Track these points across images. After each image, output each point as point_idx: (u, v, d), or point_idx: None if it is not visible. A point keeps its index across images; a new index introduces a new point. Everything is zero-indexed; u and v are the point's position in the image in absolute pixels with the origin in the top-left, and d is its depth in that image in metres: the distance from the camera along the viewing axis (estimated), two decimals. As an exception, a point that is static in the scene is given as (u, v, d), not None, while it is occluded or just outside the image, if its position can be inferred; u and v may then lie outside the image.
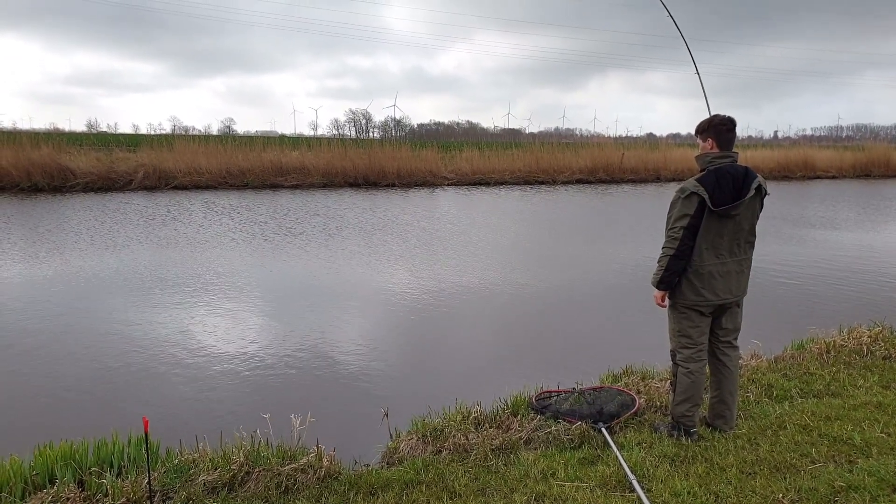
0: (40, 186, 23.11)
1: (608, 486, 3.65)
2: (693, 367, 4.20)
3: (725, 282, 4.12)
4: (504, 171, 31.02)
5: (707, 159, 4.08)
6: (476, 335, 7.94)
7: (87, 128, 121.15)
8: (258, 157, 27.43)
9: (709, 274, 4.06)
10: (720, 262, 4.07)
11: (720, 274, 4.08)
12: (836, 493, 3.53)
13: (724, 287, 4.12)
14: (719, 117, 4.14)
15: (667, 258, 4.10)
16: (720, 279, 4.09)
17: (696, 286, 4.09)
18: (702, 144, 4.17)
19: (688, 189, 4.01)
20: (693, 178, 4.07)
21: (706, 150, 4.13)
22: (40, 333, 7.56)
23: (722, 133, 4.09)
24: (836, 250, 13.97)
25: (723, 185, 3.95)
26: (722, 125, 4.10)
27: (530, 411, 4.73)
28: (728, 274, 4.12)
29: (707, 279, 4.07)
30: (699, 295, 4.10)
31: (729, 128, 4.11)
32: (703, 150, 4.16)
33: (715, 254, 4.06)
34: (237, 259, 12.11)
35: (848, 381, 5.34)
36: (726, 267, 4.10)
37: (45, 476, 3.70)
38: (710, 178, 3.97)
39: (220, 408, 5.63)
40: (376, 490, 3.68)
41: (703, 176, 4.01)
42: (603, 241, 15.40)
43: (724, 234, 4.05)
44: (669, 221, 4.12)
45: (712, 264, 4.06)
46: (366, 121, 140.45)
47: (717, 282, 4.09)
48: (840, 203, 24.55)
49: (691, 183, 4.01)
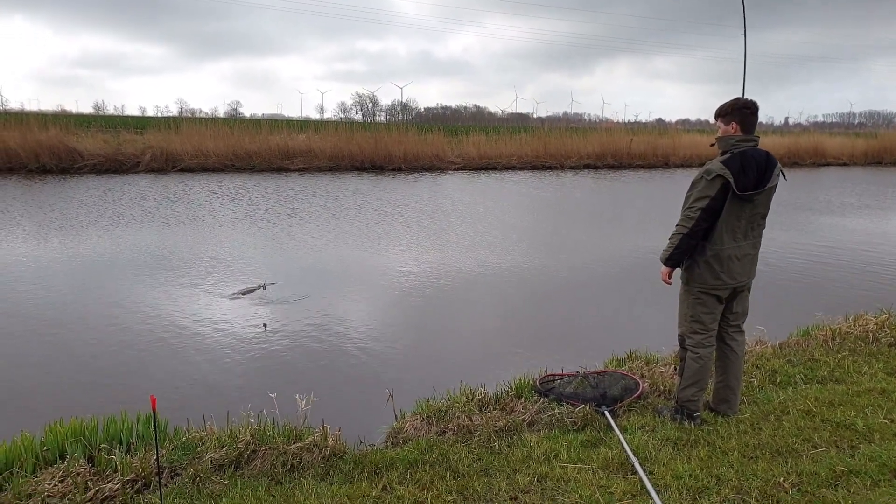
0: (48, 168, 23.20)
1: (610, 468, 3.68)
2: (703, 352, 4.22)
3: (742, 264, 4.14)
4: (511, 156, 30.93)
5: (731, 142, 4.04)
6: (481, 319, 7.97)
7: (95, 110, 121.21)
8: (265, 141, 27.42)
9: (728, 257, 4.07)
10: (737, 245, 4.08)
11: (737, 257, 4.10)
12: (837, 478, 3.55)
13: (740, 270, 4.14)
14: (743, 100, 4.11)
15: (679, 236, 4.10)
16: (737, 262, 4.11)
17: (716, 270, 4.09)
18: (723, 127, 4.12)
19: (714, 171, 3.97)
20: (718, 159, 4.03)
21: (728, 133, 4.09)
22: (48, 313, 7.63)
23: (746, 116, 4.06)
24: (843, 237, 13.92)
25: (747, 169, 3.94)
26: (746, 108, 4.07)
27: (534, 394, 4.77)
28: (745, 257, 4.14)
29: (726, 262, 4.08)
30: (718, 279, 4.11)
31: (753, 111, 4.08)
32: (724, 133, 4.12)
33: (733, 237, 4.06)
34: (244, 241, 12.16)
35: (853, 368, 5.35)
36: (743, 250, 4.11)
37: (56, 452, 3.76)
38: (736, 161, 3.95)
39: (226, 387, 5.69)
40: (381, 469, 3.72)
41: (728, 159, 3.98)
42: (609, 226, 15.38)
43: (742, 217, 4.05)
44: (688, 200, 4.10)
45: (731, 248, 4.07)
46: (372, 104, 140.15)
47: (734, 265, 4.10)
48: (849, 190, 24.41)
49: (717, 165, 3.97)
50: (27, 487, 3.38)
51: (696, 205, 4.02)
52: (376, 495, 3.41)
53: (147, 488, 3.48)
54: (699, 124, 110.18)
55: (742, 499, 3.34)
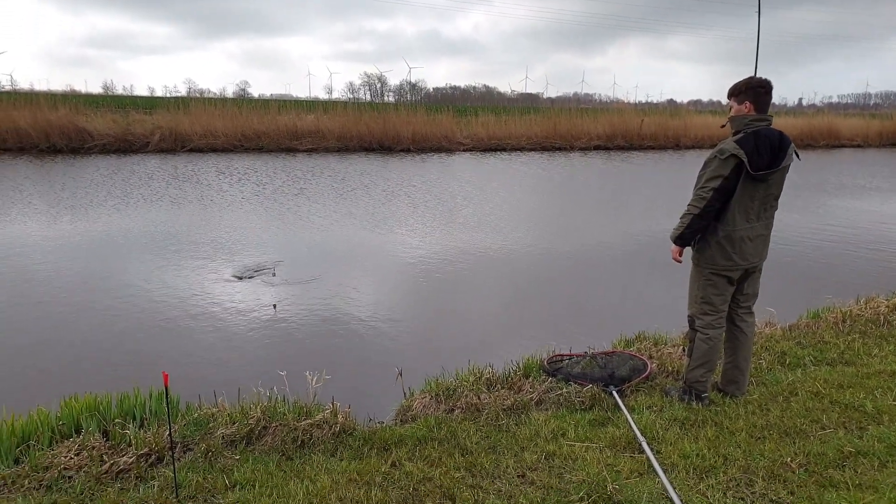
0: (58, 147, 23.29)
1: (618, 447, 3.70)
2: (712, 333, 4.22)
3: (754, 245, 4.12)
4: (521, 137, 30.77)
5: (744, 121, 4.01)
6: (489, 299, 7.99)
7: (104, 90, 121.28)
8: (273, 121, 27.40)
9: (740, 238, 4.05)
10: (750, 226, 4.06)
11: (750, 238, 4.08)
12: (844, 458, 3.56)
13: (752, 251, 4.12)
14: (757, 79, 4.06)
15: (690, 216, 4.08)
16: (749, 243, 4.09)
17: (728, 251, 4.07)
18: (736, 107, 4.08)
19: (727, 151, 3.93)
20: (731, 139, 3.99)
21: (741, 113, 4.05)
22: (61, 291, 7.70)
23: (760, 95, 4.02)
24: (855, 220, 13.83)
25: (761, 149, 3.91)
26: (760, 87, 4.02)
27: (542, 374, 4.79)
28: (757, 238, 4.11)
29: (738, 244, 4.06)
30: (730, 259, 4.09)
31: (767, 90, 4.03)
32: (737, 113, 4.07)
33: (745, 218, 4.04)
34: (253, 221, 12.20)
35: (863, 350, 5.34)
36: (755, 231, 4.09)
37: (72, 426, 3.82)
38: (749, 141, 3.92)
39: (237, 365, 5.74)
40: (390, 446, 3.76)
41: (741, 139, 3.94)
42: (619, 207, 15.33)
43: (755, 198, 4.02)
44: (700, 180, 4.07)
45: (743, 229, 4.04)
46: (381, 84, 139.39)
47: (746, 246, 4.08)
48: (861, 172, 24.20)
49: (731, 145, 3.94)
50: (44, 460, 3.44)
51: (709, 185, 3.99)
52: (385, 471, 3.45)
53: (160, 462, 3.53)
54: (711, 105, 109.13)
55: (749, 478, 3.36)
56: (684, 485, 3.30)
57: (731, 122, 4.12)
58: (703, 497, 3.19)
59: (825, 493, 3.23)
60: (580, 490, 3.15)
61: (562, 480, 3.33)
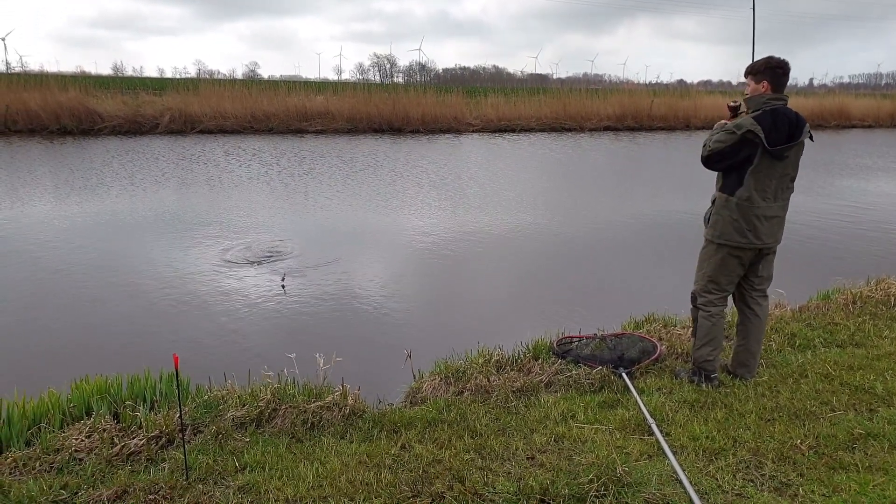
0: (69, 129, 23.32)
1: (627, 429, 3.70)
2: (714, 310, 4.21)
3: (770, 226, 4.08)
4: (530, 118, 30.57)
5: (762, 100, 3.99)
6: (499, 280, 7.98)
7: (113, 71, 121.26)
8: (283, 102, 27.32)
9: (756, 217, 4.02)
10: (767, 205, 4.03)
11: (766, 217, 4.04)
12: (854, 440, 3.55)
13: (768, 231, 4.09)
14: (776, 59, 4.04)
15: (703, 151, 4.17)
16: (766, 223, 4.05)
17: (743, 227, 4.04)
18: (753, 86, 4.06)
19: (745, 126, 3.92)
20: (749, 116, 3.97)
21: (759, 92, 4.03)
22: (72, 272, 7.74)
23: (778, 76, 4.01)
24: (866, 201, 13.71)
25: (779, 125, 3.90)
26: (779, 68, 4.01)
27: (551, 356, 4.79)
28: (773, 218, 4.08)
29: (754, 221, 4.03)
30: (744, 237, 4.05)
31: (784, 71, 4.03)
32: (753, 92, 4.06)
33: (762, 196, 4.01)
34: (263, 202, 12.21)
35: (873, 332, 5.31)
36: (772, 211, 4.06)
37: (82, 408, 3.86)
38: (767, 118, 3.91)
39: (247, 347, 5.77)
40: (399, 428, 3.77)
41: (759, 115, 3.93)
42: (629, 188, 15.24)
43: (773, 176, 4.00)
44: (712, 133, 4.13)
45: (760, 207, 4.01)
46: (390, 65, 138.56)
47: (762, 225, 4.05)
48: (872, 152, 23.94)
49: (748, 121, 3.92)
50: (55, 442, 3.48)
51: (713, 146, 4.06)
52: (395, 453, 3.46)
53: (171, 444, 3.56)
54: (721, 86, 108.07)
55: (758, 460, 3.35)
56: (694, 467, 3.29)
57: (747, 102, 4.10)
58: (712, 479, 3.19)
59: (835, 475, 3.22)
60: (589, 472, 3.15)
61: (571, 462, 3.33)
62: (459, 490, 3.09)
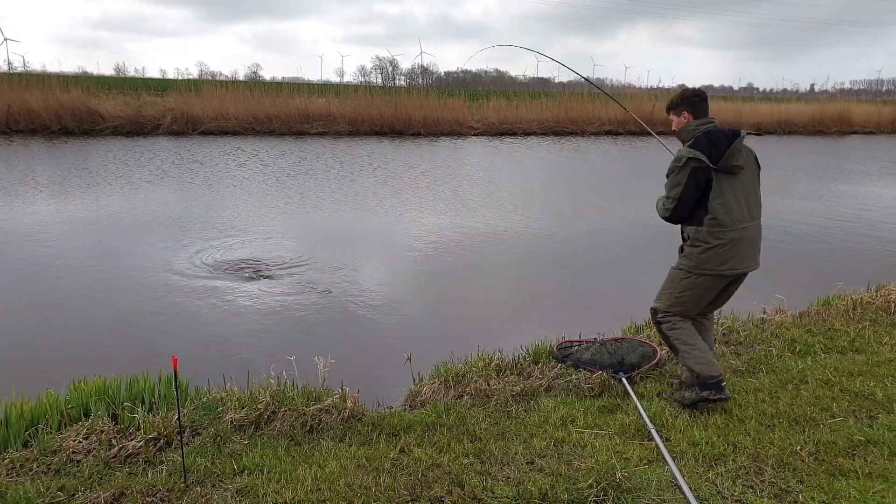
0: (70, 129, 23.30)
1: (627, 434, 3.69)
2: (676, 321, 4.07)
3: (748, 247, 3.95)
4: (532, 122, 30.56)
5: (691, 127, 3.99)
6: (499, 284, 7.98)
7: (115, 72, 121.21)
8: (285, 104, 27.32)
9: (731, 242, 3.87)
10: (742, 225, 3.89)
11: (742, 239, 3.91)
12: (854, 447, 3.54)
13: (746, 253, 3.94)
14: (690, 90, 4.08)
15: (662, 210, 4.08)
16: (743, 245, 3.92)
17: (723, 254, 3.89)
18: (676, 119, 4.09)
19: (683, 156, 3.88)
20: (685, 146, 3.95)
21: (682, 125, 4.05)
22: (70, 273, 7.74)
23: (696, 103, 4.03)
24: (866, 206, 13.69)
25: (716, 142, 3.83)
26: (695, 96, 4.04)
27: (551, 360, 4.78)
28: (751, 239, 3.96)
29: (731, 247, 3.88)
30: (724, 264, 3.91)
31: (701, 98, 4.04)
32: (678, 125, 4.07)
33: (733, 218, 3.86)
34: (264, 203, 12.21)
35: (873, 338, 5.30)
36: (748, 232, 3.93)
37: (80, 410, 3.85)
38: (703, 140, 3.87)
39: (246, 350, 5.76)
40: (399, 431, 3.77)
41: (693, 142, 3.90)
42: (630, 193, 15.24)
43: (737, 194, 3.88)
44: (666, 188, 4.01)
45: (734, 229, 3.87)
46: (392, 68, 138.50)
47: (741, 249, 3.91)
48: (872, 158, 23.94)
49: (685, 150, 3.89)
50: (53, 444, 3.47)
51: (672, 194, 3.94)
52: (394, 457, 3.46)
53: (169, 446, 3.55)
54: (722, 91, 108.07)
55: (758, 466, 3.34)
56: (693, 473, 3.29)
57: (678, 135, 4.09)
58: (712, 485, 3.18)
59: (835, 481, 3.21)
60: (589, 477, 3.15)
61: (570, 467, 3.32)
62: (458, 494, 3.08)
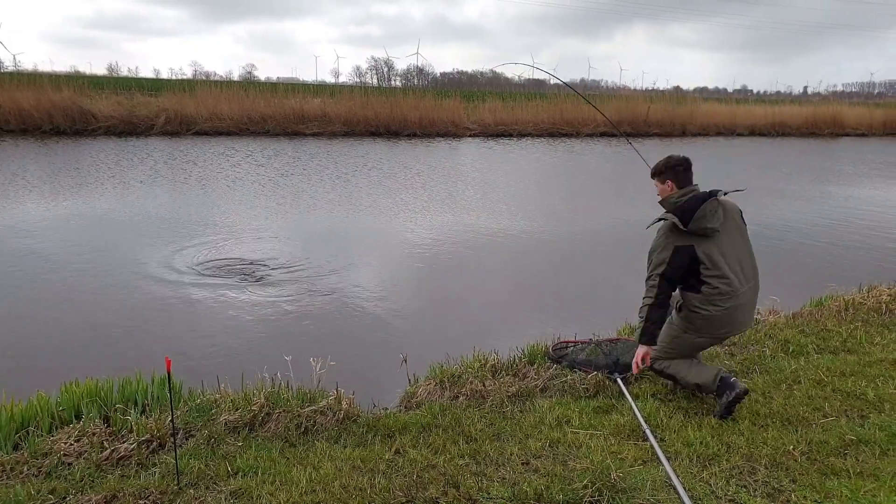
0: (62, 129, 23.20)
1: (622, 435, 3.70)
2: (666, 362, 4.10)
3: (745, 313, 3.98)
4: (527, 123, 30.59)
5: (673, 199, 4.00)
6: (494, 285, 7.98)
7: (108, 71, 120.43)
8: (280, 104, 27.26)
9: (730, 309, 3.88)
10: (740, 289, 3.89)
11: (741, 306, 3.93)
12: (846, 446, 3.56)
13: (743, 318, 3.98)
14: (675, 158, 4.06)
15: (646, 308, 3.94)
16: (741, 311, 3.94)
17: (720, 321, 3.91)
18: (660, 186, 4.09)
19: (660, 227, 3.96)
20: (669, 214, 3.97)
21: (666, 193, 4.06)
22: (62, 273, 7.71)
23: (679, 173, 4.03)
24: (858, 208, 13.76)
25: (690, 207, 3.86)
26: (679, 165, 4.03)
27: (547, 361, 4.79)
28: (748, 304, 3.98)
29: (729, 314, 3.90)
30: (721, 329, 3.96)
31: (685, 167, 4.04)
32: (662, 193, 4.09)
33: (729, 284, 3.86)
34: (258, 205, 12.18)
35: (865, 339, 5.32)
36: (746, 296, 3.94)
37: (72, 412, 3.81)
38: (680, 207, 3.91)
39: (240, 351, 5.75)
40: (394, 433, 3.76)
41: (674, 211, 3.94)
42: (625, 194, 15.26)
43: (728, 258, 3.88)
44: (649, 266, 3.98)
45: (731, 296, 3.86)
46: (388, 68, 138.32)
47: (738, 315, 3.94)
48: (864, 160, 24.05)
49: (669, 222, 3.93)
50: (43, 446, 3.44)
51: (656, 272, 3.91)
52: (389, 458, 3.45)
53: (162, 448, 3.53)
54: (717, 93, 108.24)
55: (751, 466, 3.36)
56: (688, 473, 3.29)
57: (662, 204, 4.10)
58: (706, 485, 3.19)
59: (827, 480, 3.22)
60: (584, 477, 3.15)
61: (566, 468, 3.33)
62: (454, 495, 3.08)
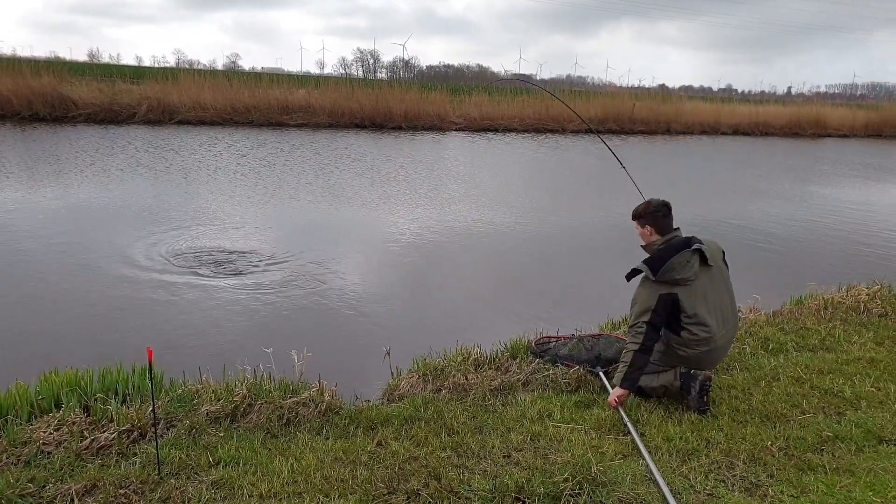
0: (41, 116, 22.84)
1: (603, 429, 3.73)
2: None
3: (719, 354, 4.13)
4: (513, 118, 30.55)
5: (655, 247, 4.08)
6: (478, 280, 8.00)
7: (89, 58, 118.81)
8: (264, 95, 27.02)
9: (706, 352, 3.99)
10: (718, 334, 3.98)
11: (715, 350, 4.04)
12: (823, 443, 3.61)
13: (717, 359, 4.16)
14: (654, 203, 4.12)
15: (631, 353, 3.95)
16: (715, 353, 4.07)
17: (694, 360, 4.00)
18: (640, 230, 4.17)
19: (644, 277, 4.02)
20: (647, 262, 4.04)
21: (648, 239, 4.14)
22: (42, 263, 7.62)
23: (659, 218, 4.11)
24: (838, 208, 13.93)
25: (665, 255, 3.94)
26: (658, 211, 4.11)
27: (529, 355, 4.81)
28: (722, 348, 4.11)
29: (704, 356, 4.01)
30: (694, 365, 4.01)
31: (665, 213, 4.12)
32: (644, 239, 4.16)
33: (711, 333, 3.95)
34: (240, 195, 12.10)
35: (843, 337, 5.40)
36: (721, 341, 4.05)
37: (51, 401, 3.77)
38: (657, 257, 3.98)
39: (222, 341, 5.72)
40: (376, 425, 3.77)
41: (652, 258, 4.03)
42: (609, 191, 15.33)
43: (709, 304, 3.96)
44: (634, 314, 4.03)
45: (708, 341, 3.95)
46: (374, 60, 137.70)
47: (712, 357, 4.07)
48: (845, 160, 24.33)
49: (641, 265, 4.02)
50: (22, 435, 3.41)
51: (642, 318, 3.95)
52: (371, 450, 3.46)
53: (143, 438, 3.51)
54: (702, 91, 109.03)
55: (730, 461, 3.40)
56: (667, 467, 3.33)
57: (646, 249, 4.18)
58: (685, 479, 3.23)
59: (803, 476, 3.28)
60: (565, 471, 3.17)
61: (547, 461, 3.35)
62: (435, 487, 3.09)
